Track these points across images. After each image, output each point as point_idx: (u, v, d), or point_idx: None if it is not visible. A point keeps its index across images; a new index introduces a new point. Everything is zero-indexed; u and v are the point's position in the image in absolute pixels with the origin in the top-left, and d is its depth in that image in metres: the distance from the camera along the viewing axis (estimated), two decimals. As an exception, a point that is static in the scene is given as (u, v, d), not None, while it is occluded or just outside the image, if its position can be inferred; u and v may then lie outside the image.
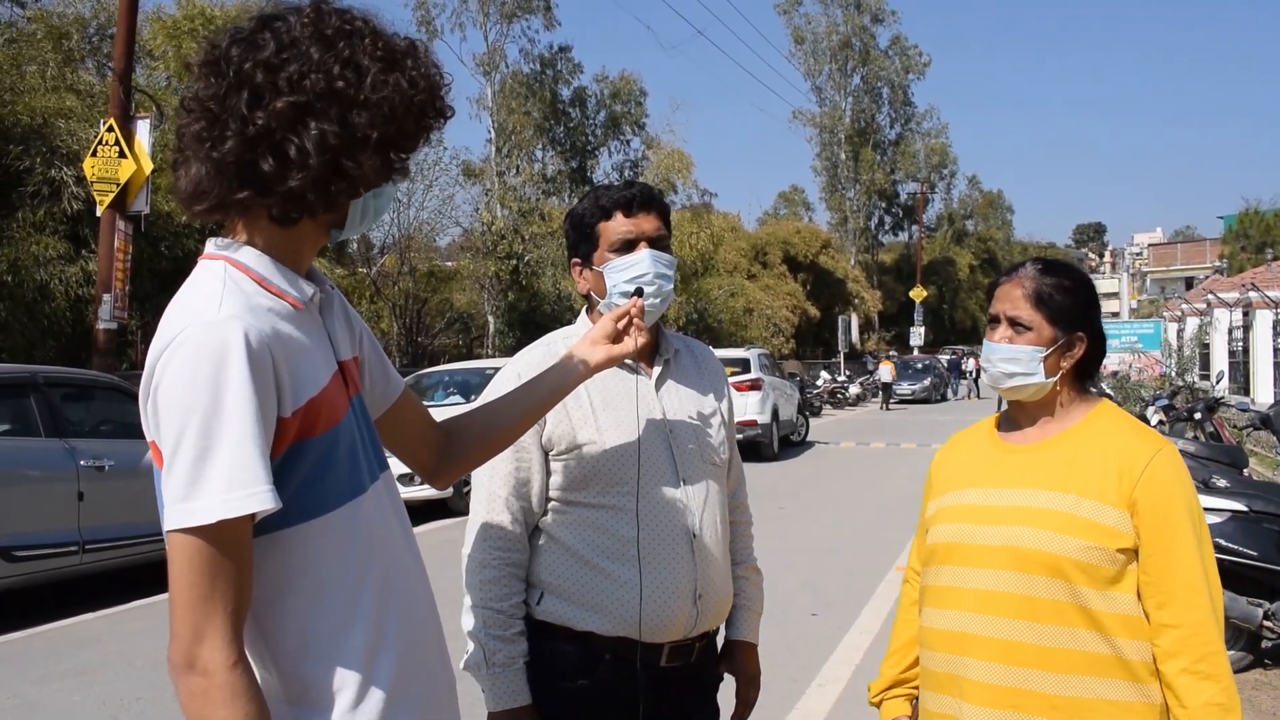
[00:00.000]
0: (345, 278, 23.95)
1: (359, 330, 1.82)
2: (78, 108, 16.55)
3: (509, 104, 35.43)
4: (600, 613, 2.24)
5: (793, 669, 6.26)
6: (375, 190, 1.66)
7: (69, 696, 5.92)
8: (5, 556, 7.45)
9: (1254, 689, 5.89)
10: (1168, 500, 1.99)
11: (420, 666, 1.67)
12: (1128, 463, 2.02)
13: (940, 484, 2.30)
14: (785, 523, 11.69)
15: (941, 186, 66.77)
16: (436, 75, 1.65)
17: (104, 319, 12.67)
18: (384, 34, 1.61)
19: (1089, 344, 2.15)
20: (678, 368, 2.46)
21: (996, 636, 2.03)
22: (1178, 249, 72.44)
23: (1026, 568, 2.02)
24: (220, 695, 1.39)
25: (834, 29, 57.21)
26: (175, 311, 1.52)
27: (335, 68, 1.53)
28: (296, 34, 1.55)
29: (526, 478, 2.30)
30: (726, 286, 38.03)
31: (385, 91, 1.56)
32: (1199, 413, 10.11)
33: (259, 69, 1.52)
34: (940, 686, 2.15)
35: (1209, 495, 6.36)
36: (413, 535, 1.76)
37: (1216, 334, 28.38)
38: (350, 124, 1.54)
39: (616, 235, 2.33)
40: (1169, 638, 1.96)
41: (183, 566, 1.42)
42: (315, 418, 1.56)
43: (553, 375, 2.11)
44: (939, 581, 2.18)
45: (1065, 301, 2.12)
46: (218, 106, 1.53)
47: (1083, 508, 2.00)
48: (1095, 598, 1.98)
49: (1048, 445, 2.14)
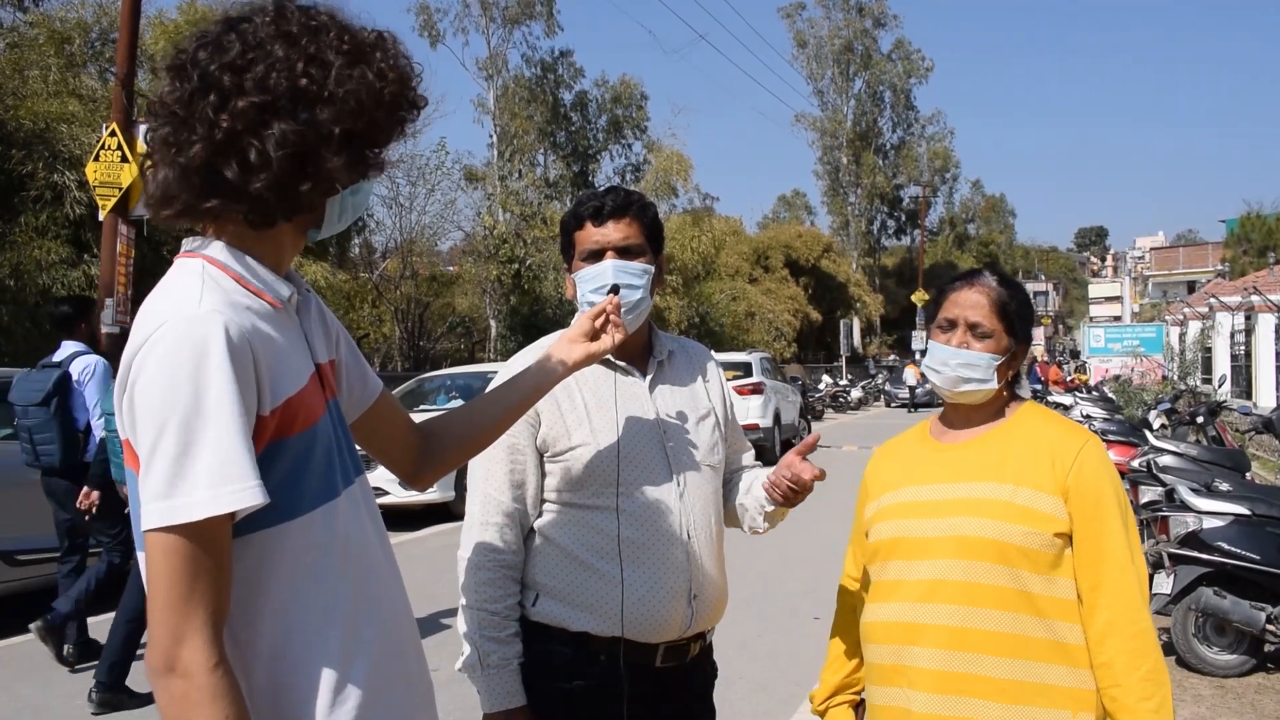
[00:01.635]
0: (348, 282, 23.97)
1: (335, 333, 1.80)
2: (80, 112, 16.54)
3: (511, 108, 35.48)
4: (593, 613, 2.25)
5: (795, 673, 6.25)
6: (353, 187, 1.63)
7: (72, 700, 5.91)
8: (8, 560, 7.46)
9: (1257, 693, 5.87)
10: (1098, 487, 2.10)
11: (397, 672, 1.65)
12: (1059, 453, 2.12)
13: (877, 487, 2.35)
14: (787, 527, 11.65)
15: (944, 190, 66.87)
16: (406, 66, 1.62)
17: (107, 323, 12.65)
18: (350, 28, 1.58)
19: (1024, 353, 2.27)
20: (671, 369, 2.48)
21: (943, 624, 2.09)
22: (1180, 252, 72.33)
23: (971, 555, 2.09)
24: (200, 698, 1.36)
25: (836, 33, 57.32)
26: (153, 307, 1.49)
27: (299, 64, 1.51)
28: (262, 34, 1.52)
29: (521, 480, 2.32)
30: (728, 290, 38.11)
31: (350, 85, 1.53)
32: (1201, 417, 10.12)
33: (225, 71, 1.50)
34: (887, 679, 2.18)
35: (1212, 499, 6.37)
36: (388, 541, 1.75)
37: (1218, 338, 28.33)
38: (314, 121, 1.51)
39: (585, 245, 2.36)
40: (1103, 618, 2.05)
41: (162, 567, 1.39)
42: (293, 418, 1.53)
43: (532, 375, 2.11)
44: (884, 577, 2.23)
45: (1020, 314, 2.23)
46: (184, 110, 1.51)
47: (1020, 495, 2.10)
48: (1037, 582, 2.07)
49: (981, 441, 2.22)
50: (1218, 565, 6.10)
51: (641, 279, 2.33)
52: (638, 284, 2.32)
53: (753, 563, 9.43)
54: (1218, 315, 28.10)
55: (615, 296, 2.22)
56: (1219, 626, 6.12)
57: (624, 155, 42.17)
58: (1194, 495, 6.43)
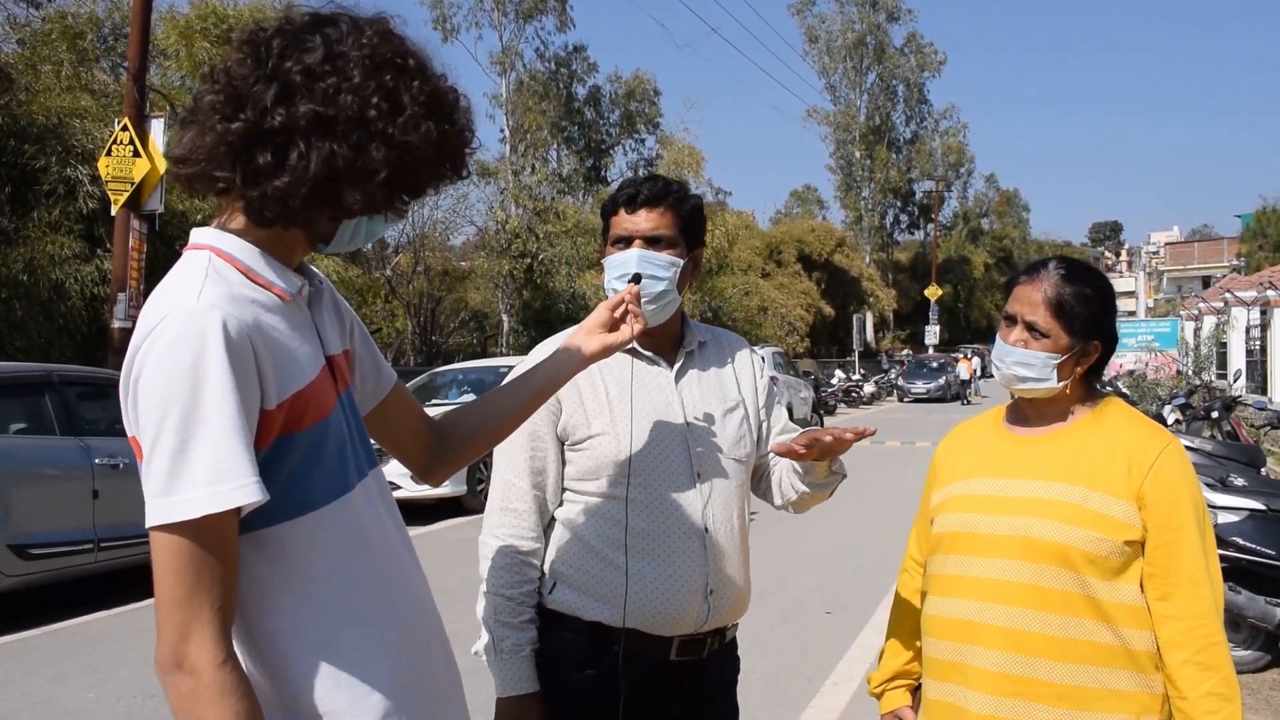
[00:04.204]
0: (360, 277, 24.01)
1: (349, 323, 1.78)
2: (92, 107, 16.60)
3: (525, 102, 35.48)
4: (605, 602, 2.23)
5: (808, 668, 6.24)
6: (372, 217, 1.61)
7: (84, 694, 5.93)
8: (21, 554, 7.47)
9: (1271, 688, 5.84)
10: (1174, 494, 2.00)
11: (424, 668, 1.63)
12: (1136, 456, 2.03)
13: (946, 474, 2.29)
14: (799, 522, 11.65)
15: (958, 185, 66.64)
16: (469, 136, 1.61)
17: (119, 318, 12.73)
18: (434, 80, 1.56)
19: (1103, 348, 2.15)
20: (701, 359, 2.43)
21: (1004, 625, 2.04)
22: (1195, 248, 72.14)
23: (1035, 557, 2.03)
24: (209, 694, 1.35)
25: (849, 27, 57.15)
26: (156, 302, 1.48)
27: (374, 97, 1.48)
28: (345, 48, 1.50)
29: (542, 467, 2.30)
30: (741, 285, 38.05)
31: (414, 136, 1.51)
32: (1216, 411, 10.04)
33: (298, 70, 1.48)
34: (945, 675, 2.15)
35: (1227, 494, 6.33)
36: (407, 533, 1.73)
37: (1234, 333, 28.24)
38: (367, 154, 1.49)
39: (615, 231, 2.33)
40: (1171, 629, 1.98)
41: (167, 564, 1.38)
42: (302, 411, 1.51)
43: (548, 367, 2.06)
44: (945, 570, 2.18)
45: (1084, 311, 2.11)
46: (244, 87, 1.49)
47: (1091, 500, 2.02)
48: (1102, 588, 2.00)
49: (1056, 438, 2.14)
50: (1233, 561, 6.05)
51: (668, 271, 2.27)
52: (663, 275, 2.26)
53: (766, 557, 9.42)
54: (1233, 310, 28.00)
55: (635, 286, 2.17)
56: (1234, 622, 6.07)
57: (637, 150, 42.21)
58: (1209, 490, 6.38)
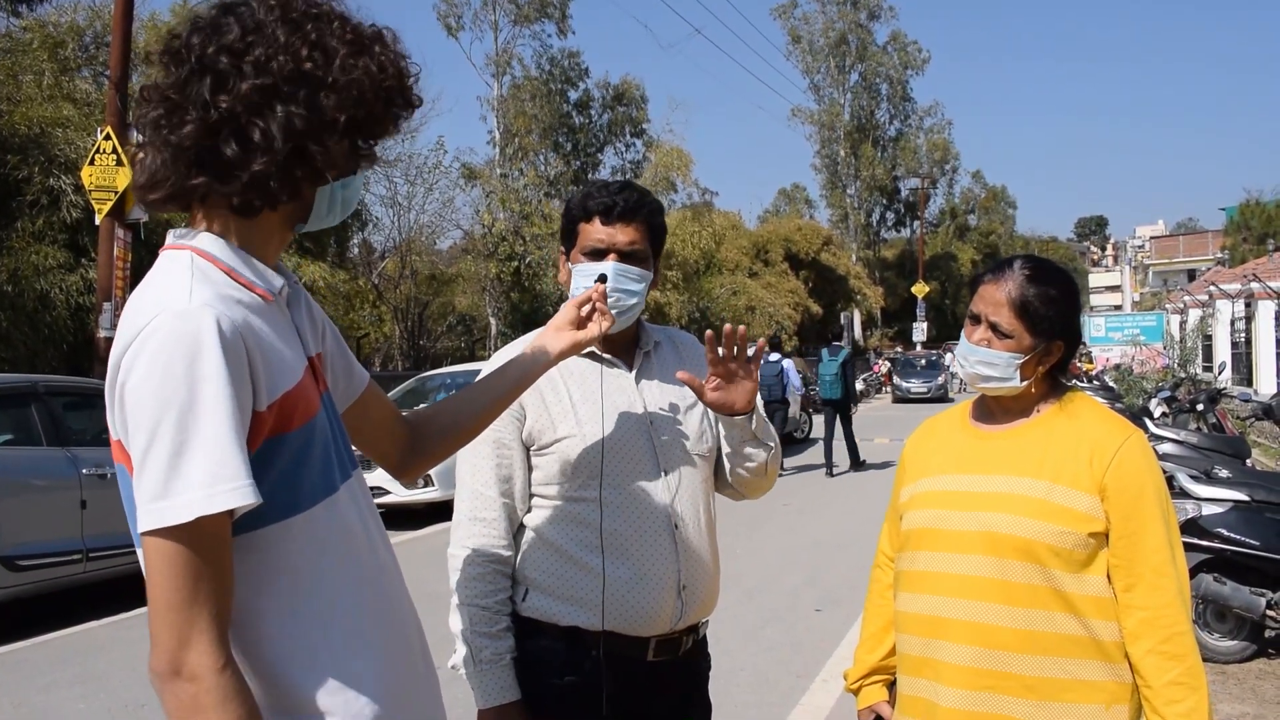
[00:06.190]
0: (347, 282, 23.93)
1: (322, 325, 1.78)
2: (75, 116, 16.51)
3: (518, 106, 35.41)
4: (581, 606, 2.24)
5: (797, 665, 6.26)
6: (343, 180, 1.62)
7: (74, 704, 5.91)
8: (9, 566, 7.45)
9: (1258, 678, 5.88)
10: (1137, 485, 2.03)
11: (407, 667, 1.64)
12: (1098, 449, 2.06)
13: (914, 470, 2.32)
14: (789, 519, 11.69)
15: (944, 182, 66.66)
16: (404, 63, 1.62)
17: (105, 327, 12.67)
18: (351, 19, 1.58)
19: (1066, 346, 2.17)
20: (658, 359, 2.46)
21: (972, 620, 2.07)
22: (1180, 241, 72.32)
23: (1001, 552, 2.05)
24: (210, 700, 1.34)
25: (830, 26, 57.06)
26: (141, 302, 1.46)
27: (303, 50, 1.50)
28: (261, 17, 1.51)
29: (509, 474, 2.30)
30: (728, 285, 38.03)
31: (355, 74, 1.52)
32: (1201, 404, 10.10)
33: (222, 54, 1.48)
34: (916, 670, 2.17)
35: (1212, 485, 6.38)
36: (386, 535, 1.73)
37: (1219, 325, 28.32)
38: (318, 106, 1.50)
39: (589, 241, 2.34)
40: (1136, 619, 2.00)
41: (163, 570, 1.36)
42: (291, 412, 1.51)
43: (518, 365, 2.09)
44: (914, 567, 2.20)
45: (1048, 312, 2.12)
46: (178, 94, 1.49)
47: (1055, 493, 2.05)
48: (1068, 580, 2.02)
49: (1020, 432, 2.17)
50: (1217, 552, 6.10)
51: (639, 284, 2.31)
52: (635, 289, 2.30)
53: (756, 554, 9.44)
54: (1218, 303, 28.10)
55: (602, 284, 2.21)
56: (1219, 613, 6.13)
57: (623, 154, 42.17)
58: (1194, 482, 6.44)
